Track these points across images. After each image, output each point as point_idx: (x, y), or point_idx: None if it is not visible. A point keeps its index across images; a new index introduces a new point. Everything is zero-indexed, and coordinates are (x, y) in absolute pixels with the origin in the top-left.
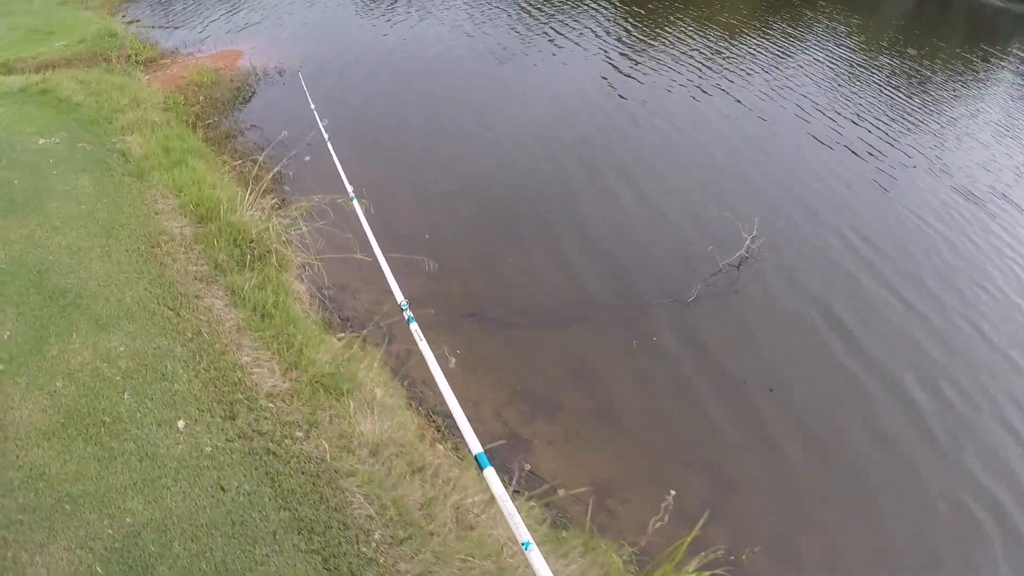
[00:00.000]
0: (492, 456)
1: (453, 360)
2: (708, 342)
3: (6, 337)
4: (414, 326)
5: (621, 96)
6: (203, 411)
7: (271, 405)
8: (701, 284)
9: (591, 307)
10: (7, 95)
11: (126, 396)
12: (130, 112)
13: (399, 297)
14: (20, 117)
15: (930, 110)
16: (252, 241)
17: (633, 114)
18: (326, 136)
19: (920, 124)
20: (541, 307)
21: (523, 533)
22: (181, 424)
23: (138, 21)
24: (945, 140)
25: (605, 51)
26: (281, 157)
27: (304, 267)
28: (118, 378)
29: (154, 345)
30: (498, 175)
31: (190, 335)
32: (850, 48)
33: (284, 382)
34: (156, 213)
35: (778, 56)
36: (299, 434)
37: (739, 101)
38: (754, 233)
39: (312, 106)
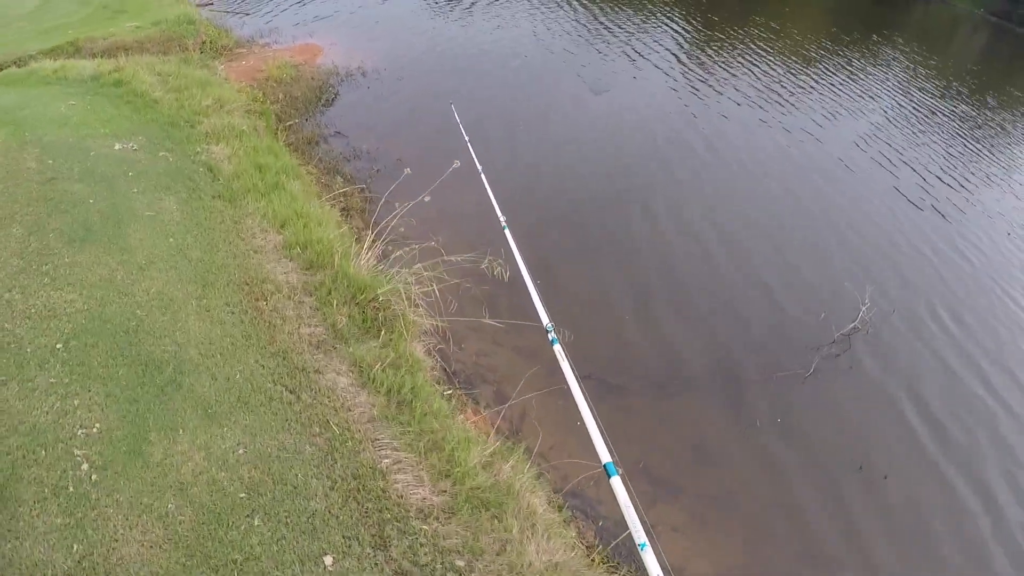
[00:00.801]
0: None
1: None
2: (832, 424)
3: (95, 431)
4: (557, 347)
5: (706, 130)
6: (349, 539)
7: (425, 527)
8: (818, 357)
9: (703, 375)
10: (78, 83)
11: (256, 521)
12: (214, 115)
13: (545, 320)
14: (93, 113)
15: (1010, 167)
16: (375, 299)
17: (721, 153)
18: (479, 168)
19: (1001, 183)
20: (652, 374)
21: (640, 535)
22: (328, 561)
23: (210, 4)
24: None
25: (687, 80)
26: (372, 177)
27: (432, 332)
28: (242, 495)
29: (277, 444)
30: (588, 226)
31: (317, 428)
32: (931, 93)
33: (435, 494)
34: (255, 251)
35: (861, 97)
36: (460, 563)
37: (823, 144)
38: (867, 304)
39: (467, 138)
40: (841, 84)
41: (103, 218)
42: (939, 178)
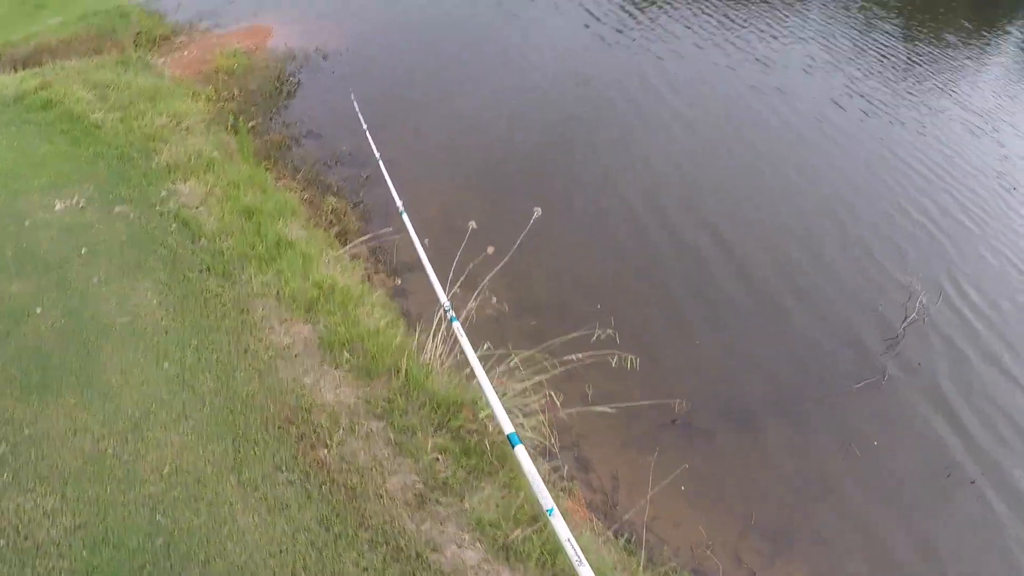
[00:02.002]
0: None
1: None
2: (928, 431)
3: None
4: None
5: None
6: None
7: None
8: (889, 359)
9: (779, 400)
10: None
11: None
12: (172, 138)
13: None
14: (21, 154)
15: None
16: (474, 423)
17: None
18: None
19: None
20: (729, 405)
21: (547, 500)
22: None
23: None
24: None
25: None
26: (363, 187)
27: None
28: None
29: None
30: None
31: None
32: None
33: None
34: (282, 357)
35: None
36: None
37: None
38: (915, 289)
39: (373, 146)
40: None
41: (62, 339)
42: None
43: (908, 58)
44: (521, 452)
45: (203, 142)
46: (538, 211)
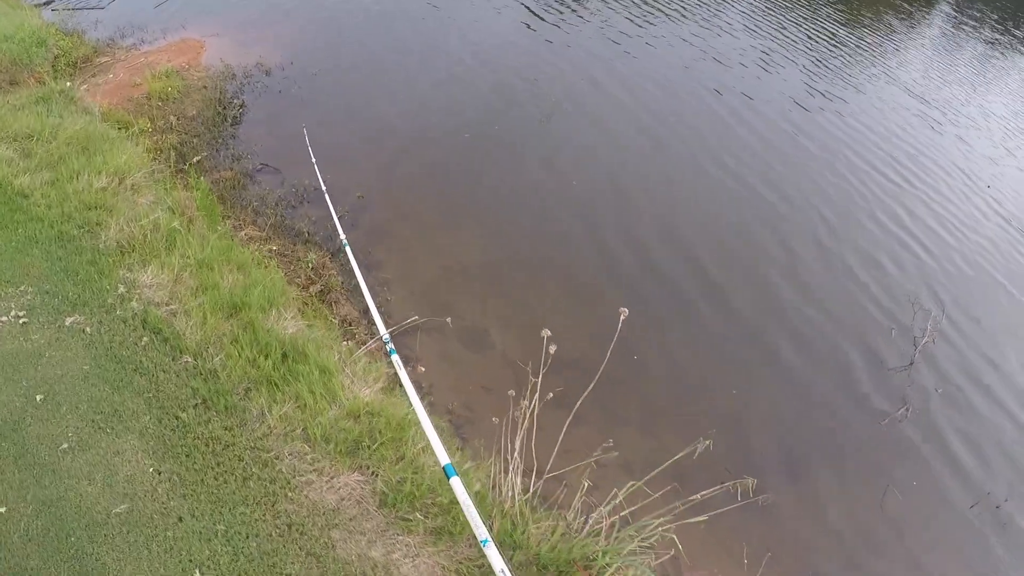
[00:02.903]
0: None
1: None
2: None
3: None
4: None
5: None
6: None
7: None
8: (908, 389)
9: (808, 453)
10: None
11: None
12: (117, 202)
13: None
14: None
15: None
16: None
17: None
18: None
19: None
20: (760, 465)
21: (482, 532)
22: None
23: (50, 2)
24: None
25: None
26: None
27: None
28: None
29: None
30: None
31: None
32: None
33: None
34: (335, 527)
35: None
36: None
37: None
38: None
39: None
40: None
41: (44, 554)
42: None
43: (857, 46)
44: (456, 484)
45: (155, 204)
46: (625, 311)
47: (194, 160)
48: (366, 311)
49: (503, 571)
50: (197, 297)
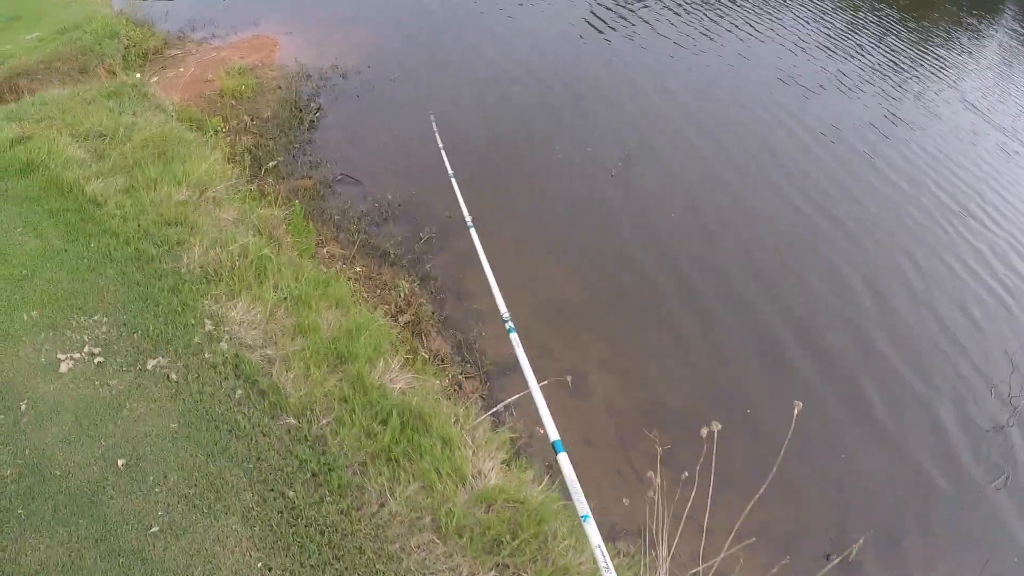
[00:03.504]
0: None
1: None
2: None
3: None
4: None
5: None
6: None
7: None
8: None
9: (915, 520)
10: None
11: None
12: (199, 217)
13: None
14: (1, 260)
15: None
16: None
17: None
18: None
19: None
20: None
21: (584, 508)
22: None
23: None
24: None
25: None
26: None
27: None
28: None
29: None
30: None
31: None
32: None
33: None
34: None
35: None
36: None
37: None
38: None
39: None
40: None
41: None
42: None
43: (930, 66)
44: (564, 460)
45: (239, 221)
46: (799, 405)
47: (270, 165)
48: (459, 346)
49: (599, 546)
50: (294, 339)
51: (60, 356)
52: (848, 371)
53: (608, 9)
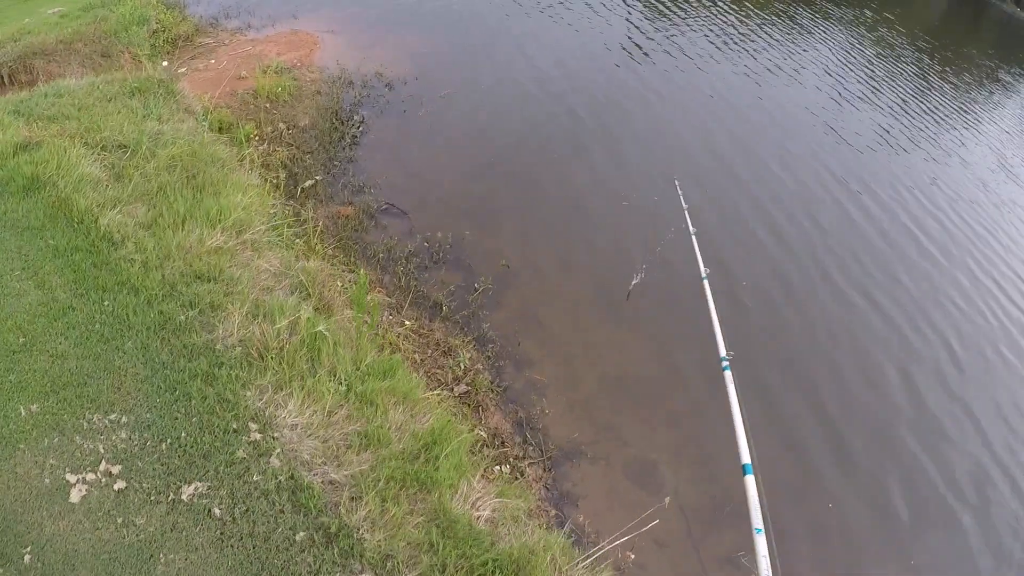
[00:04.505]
0: None
1: None
2: None
3: None
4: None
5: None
6: None
7: None
8: None
9: None
10: None
11: None
12: (236, 269)
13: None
14: None
15: None
16: None
17: None
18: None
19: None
20: None
21: (758, 521)
22: None
23: None
24: None
25: None
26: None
27: None
28: None
29: None
30: None
31: None
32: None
33: None
34: None
35: None
36: None
37: None
38: None
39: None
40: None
41: None
42: None
43: (972, 128)
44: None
45: (282, 275)
46: None
47: (307, 184)
48: (519, 424)
49: (765, 556)
50: (360, 454)
51: (70, 477)
52: (877, 476)
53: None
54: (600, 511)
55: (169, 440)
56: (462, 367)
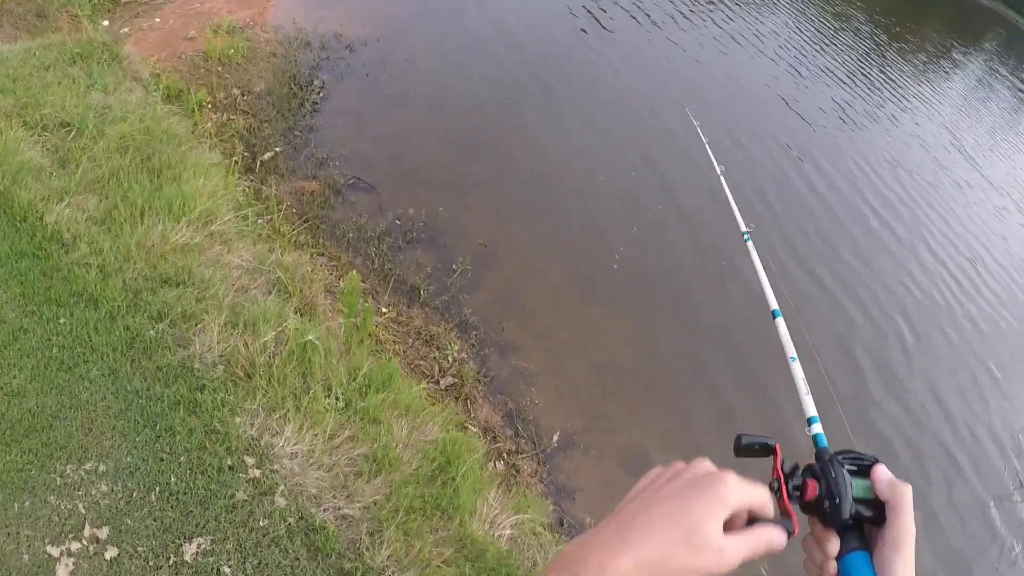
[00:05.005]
0: None
1: None
2: None
3: None
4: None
5: None
6: None
7: None
8: None
9: None
10: None
11: None
12: (205, 270)
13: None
14: None
15: None
16: None
17: None
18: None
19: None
20: None
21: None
22: None
23: None
24: None
25: None
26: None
27: None
28: None
29: None
30: None
31: None
32: None
33: None
34: None
35: None
36: None
37: None
38: None
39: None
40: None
41: None
42: None
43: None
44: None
45: (257, 271)
46: None
47: (267, 157)
48: (509, 415)
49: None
50: (370, 480)
51: (51, 550)
52: None
53: None
54: (596, 503)
55: (158, 488)
56: (450, 359)
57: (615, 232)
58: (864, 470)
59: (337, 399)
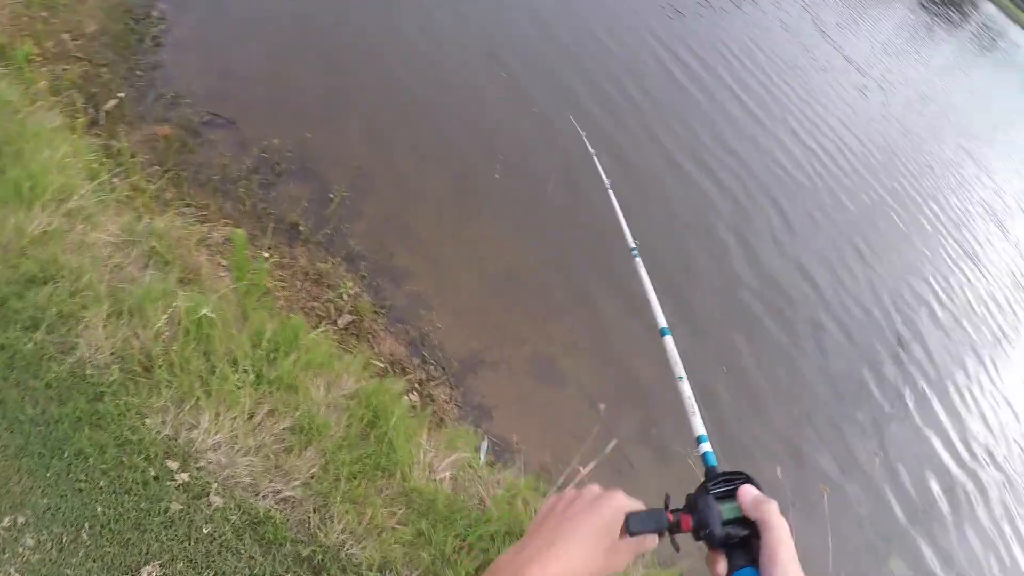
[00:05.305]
0: None
1: None
2: None
3: None
4: None
5: None
6: None
7: None
8: None
9: None
10: None
11: None
12: (69, 253)
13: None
14: None
15: None
16: None
17: None
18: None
19: None
20: None
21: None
22: None
23: None
24: None
25: None
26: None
27: None
28: None
29: None
30: None
31: None
32: None
33: None
34: None
35: None
36: None
37: None
38: None
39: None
40: None
41: None
42: None
43: None
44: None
45: (128, 244)
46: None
47: (110, 105)
48: (413, 344)
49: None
50: (301, 454)
51: None
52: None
53: None
54: (516, 419)
55: (87, 524)
56: (344, 297)
57: (495, 141)
58: (733, 493)
59: (246, 372)
